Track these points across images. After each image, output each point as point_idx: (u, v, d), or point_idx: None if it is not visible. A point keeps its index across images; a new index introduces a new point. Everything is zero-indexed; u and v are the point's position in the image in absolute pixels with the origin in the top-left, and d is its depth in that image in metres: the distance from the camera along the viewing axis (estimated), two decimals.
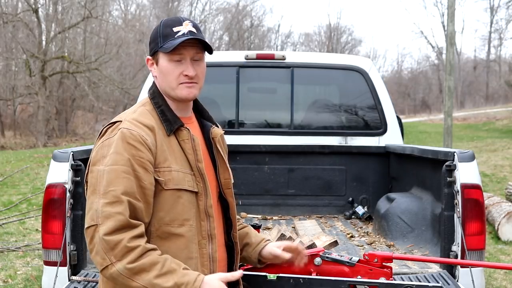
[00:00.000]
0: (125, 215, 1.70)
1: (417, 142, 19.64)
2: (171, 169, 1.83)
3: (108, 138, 1.81)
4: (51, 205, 2.88)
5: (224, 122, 4.73)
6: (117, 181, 1.72)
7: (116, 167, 1.74)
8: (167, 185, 1.81)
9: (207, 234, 1.89)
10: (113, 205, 1.70)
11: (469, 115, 33.35)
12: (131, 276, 1.68)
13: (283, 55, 4.66)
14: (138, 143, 1.78)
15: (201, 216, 1.88)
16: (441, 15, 45.49)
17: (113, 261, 1.67)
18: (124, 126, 1.81)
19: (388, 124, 4.60)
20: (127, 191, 1.73)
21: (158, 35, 1.91)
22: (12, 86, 27.32)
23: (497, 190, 9.74)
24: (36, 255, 6.09)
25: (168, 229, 1.81)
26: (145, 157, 1.77)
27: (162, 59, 1.90)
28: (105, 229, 1.68)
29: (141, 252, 1.69)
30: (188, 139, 1.90)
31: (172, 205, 1.82)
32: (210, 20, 44.20)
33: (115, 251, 1.67)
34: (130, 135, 1.78)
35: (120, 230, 1.69)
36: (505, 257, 6.19)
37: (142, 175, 1.76)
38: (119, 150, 1.76)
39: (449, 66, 11.83)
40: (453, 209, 2.93)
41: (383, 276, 2.46)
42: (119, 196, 1.71)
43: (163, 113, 1.91)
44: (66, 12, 28.33)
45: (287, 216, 4.52)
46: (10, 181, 11.29)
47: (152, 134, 1.83)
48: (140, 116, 1.87)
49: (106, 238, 1.67)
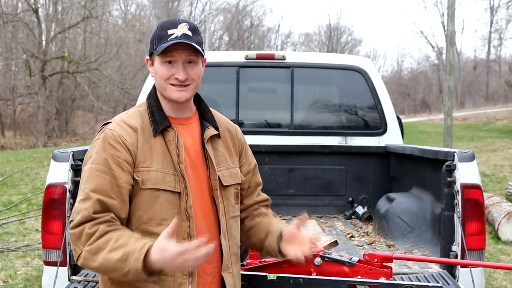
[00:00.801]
0: (89, 210, 1.78)
1: (417, 142, 19.64)
2: (150, 169, 1.87)
3: (96, 139, 1.91)
4: (51, 205, 2.88)
5: None
6: (91, 179, 1.82)
7: (93, 166, 1.84)
8: (145, 184, 1.86)
9: (186, 234, 1.89)
10: (84, 201, 1.80)
11: (469, 115, 33.35)
12: (91, 257, 1.75)
13: (283, 55, 4.66)
14: (117, 143, 1.85)
15: (182, 216, 1.89)
16: (441, 15, 45.54)
17: (82, 249, 1.77)
18: (109, 127, 1.90)
19: (388, 124, 4.60)
20: (97, 189, 1.80)
21: (155, 36, 1.96)
22: (12, 86, 27.34)
23: (497, 190, 9.74)
24: (36, 255, 6.09)
25: (147, 228, 1.85)
26: (121, 157, 1.84)
27: (156, 61, 1.95)
28: (73, 224, 1.79)
29: (100, 234, 1.76)
30: (173, 140, 1.92)
31: (149, 204, 1.86)
32: (210, 20, 44.24)
33: (81, 239, 1.77)
34: (111, 135, 1.87)
35: (84, 223, 1.78)
36: (505, 257, 6.19)
37: (118, 174, 1.82)
38: (99, 150, 1.86)
39: (449, 66, 11.83)
40: (453, 209, 2.93)
41: (383, 276, 2.46)
42: (89, 193, 1.80)
43: (152, 113, 1.96)
44: (66, 12, 28.34)
45: (287, 216, 4.52)
46: (10, 181, 11.29)
47: (135, 134, 1.89)
48: (128, 117, 1.95)
49: (72, 231, 1.79)
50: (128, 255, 1.70)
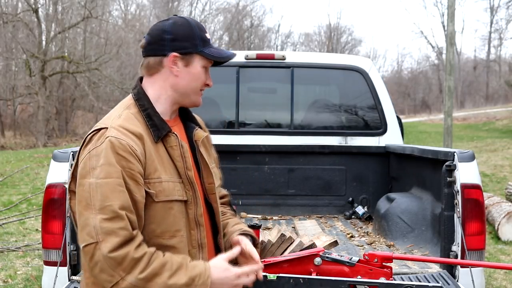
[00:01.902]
0: (128, 230, 1.64)
1: (417, 142, 19.64)
2: (161, 180, 1.75)
3: (95, 147, 1.69)
4: (51, 205, 2.88)
5: (224, 122, 4.74)
6: (114, 195, 1.64)
7: (111, 180, 1.64)
8: (158, 197, 1.73)
9: (197, 243, 1.84)
10: (113, 220, 1.62)
11: (469, 115, 33.35)
12: (145, 285, 1.63)
13: (283, 55, 4.66)
14: (128, 153, 1.68)
15: (191, 225, 1.82)
16: (441, 15, 45.58)
17: (123, 276, 1.61)
18: (111, 135, 1.69)
19: (388, 124, 4.60)
20: (123, 206, 1.64)
21: (196, 36, 1.83)
22: (12, 86, 27.35)
23: (497, 190, 9.74)
24: (36, 255, 6.09)
25: (159, 241, 1.74)
26: (135, 169, 1.68)
27: (198, 63, 1.84)
28: (109, 246, 1.60)
29: (148, 258, 1.64)
30: (176, 146, 1.82)
31: (163, 217, 1.75)
32: (210, 20, 44.21)
33: (123, 265, 1.61)
34: (119, 144, 1.67)
35: (125, 244, 1.62)
36: (505, 257, 6.19)
37: (133, 188, 1.68)
38: (110, 161, 1.66)
39: (449, 66, 11.83)
40: (453, 209, 2.93)
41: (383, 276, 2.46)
42: (118, 211, 1.63)
43: (149, 117, 1.81)
44: (66, 12, 28.35)
45: (287, 216, 4.52)
46: (10, 181, 11.30)
47: (141, 142, 1.73)
48: (126, 122, 1.75)
49: (112, 255, 1.60)
50: (194, 279, 1.66)
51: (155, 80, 1.86)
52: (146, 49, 1.85)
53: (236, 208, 3.97)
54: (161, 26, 1.84)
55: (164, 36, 1.81)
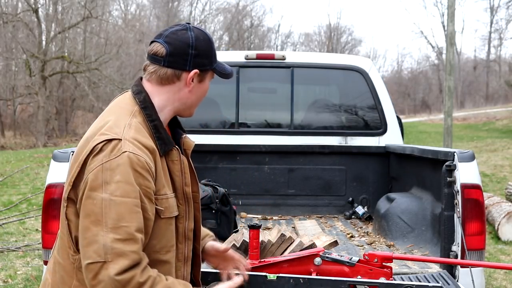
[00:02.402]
0: (140, 254, 1.60)
1: (417, 142, 19.64)
2: (167, 197, 1.74)
3: (109, 160, 1.61)
4: (51, 205, 2.88)
5: (224, 122, 4.74)
6: (131, 216, 1.58)
7: (129, 200, 1.59)
8: (164, 214, 1.72)
9: (183, 257, 1.84)
10: (126, 242, 1.57)
11: (469, 115, 33.35)
12: None
13: (283, 55, 4.66)
14: (145, 171, 1.63)
15: (179, 239, 1.81)
16: (441, 15, 45.52)
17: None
18: (129, 150, 1.62)
19: (388, 124, 4.60)
20: (140, 228, 1.60)
21: (213, 53, 1.84)
22: (12, 86, 27.35)
23: (497, 190, 9.74)
24: (36, 255, 6.09)
25: (157, 256, 1.73)
26: (151, 187, 1.65)
27: (208, 79, 1.86)
28: (118, 268, 1.55)
29: (152, 282, 1.61)
30: (177, 161, 1.79)
31: (164, 233, 1.74)
32: (210, 20, 44.22)
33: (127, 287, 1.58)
34: (137, 161, 1.62)
35: (133, 268, 1.58)
36: (505, 257, 6.19)
37: (147, 206, 1.64)
38: (128, 179, 1.59)
39: (449, 66, 11.83)
40: (453, 209, 2.94)
41: (383, 276, 2.46)
42: (134, 234, 1.58)
43: (156, 129, 1.76)
44: (66, 12, 28.36)
45: (287, 216, 4.52)
46: (10, 181, 11.29)
47: (153, 157, 1.69)
48: (138, 134, 1.69)
49: (119, 278, 1.55)
50: None
51: (165, 91, 1.80)
52: (166, 60, 1.77)
53: (236, 208, 3.99)
54: (185, 39, 1.78)
55: (189, 51, 1.77)
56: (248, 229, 2.73)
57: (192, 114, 1.92)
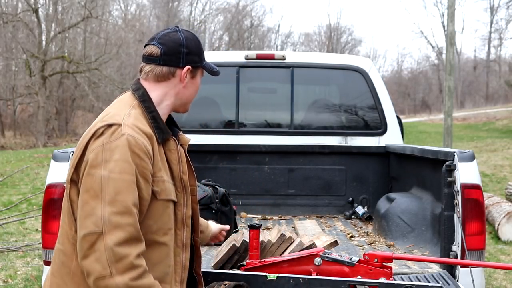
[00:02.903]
0: (135, 227, 1.70)
1: (417, 142, 19.64)
2: (164, 180, 1.84)
3: (109, 142, 1.74)
4: (51, 205, 2.88)
5: (224, 122, 4.74)
6: (127, 191, 1.70)
7: (125, 177, 1.71)
8: (160, 195, 1.82)
9: (182, 243, 1.93)
10: (123, 215, 1.68)
11: (469, 115, 33.34)
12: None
13: (283, 55, 4.66)
14: (143, 152, 1.76)
15: (178, 225, 1.91)
16: (441, 15, 45.51)
17: (114, 273, 1.65)
18: (128, 132, 1.76)
19: (388, 124, 4.60)
20: (135, 203, 1.72)
21: (202, 51, 2.02)
22: (12, 86, 27.34)
23: (497, 190, 9.74)
24: (36, 255, 6.09)
25: (154, 238, 1.81)
26: (147, 168, 1.77)
27: (199, 75, 2.02)
28: (115, 239, 1.65)
29: (142, 272, 1.70)
30: (174, 150, 1.93)
31: (161, 215, 1.83)
32: (210, 20, 44.25)
33: (119, 264, 1.65)
34: (135, 143, 1.75)
35: (129, 243, 1.68)
36: (505, 257, 6.19)
37: (143, 186, 1.75)
38: (126, 158, 1.72)
39: (449, 66, 11.83)
40: (453, 209, 2.94)
41: (383, 276, 2.46)
42: (130, 207, 1.69)
43: (155, 120, 1.89)
44: (66, 12, 28.35)
45: (287, 216, 4.53)
46: (10, 181, 11.29)
47: (151, 142, 1.82)
48: (137, 121, 1.83)
49: (115, 249, 1.65)
50: None
51: (162, 87, 1.94)
52: (161, 59, 1.92)
53: (236, 208, 3.99)
54: (177, 39, 1.94)
55: (181, 50, 1.93)
56: (248, 229, 2.73)
57: (187, 110, 2.06)
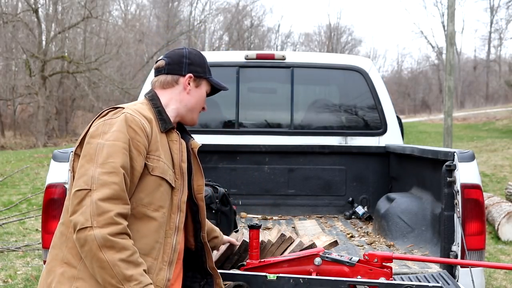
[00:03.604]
0: (120, 186, 1.83)
1: (417, 142, 19.64)
2: (160, 159, 2.00)
3: (110, 119, 1.97)
4: (51, 205, 2.88)
5: (224, 122, 4.74)
6: (117, 155, 1.86)
7: (118, 143, 1.88)
8: (154, 171, 1.97)
9: (174, 225, 2.05)
10: (110, 175, 1.83)
11: (469, 115, 33.34)
12: (102, 246, 1.76)
13: (283, 55, 4.66)
14: (138, 128, 1.94)
15: (173, 209, 2.05)
16: (441, 15, 45.50)
17: (94, 225, 1.77)
18: (127, 112, 1.98)
19: (388, 124, 4.60)
20: (124, 166, 1.87)
21: (207, 65, 2.24)
22: (12, 86, 27.34)
23: (497, 190, 9.74)
24: (36, 255, 6.09)
25: (144, 210, 1.94)
26: (141, 141, 1.94)
27: (204, 87, 2.24)
28: (100, 195, 1.79)
29: (121, 231, 1.80)
30: (176, 141, 2.12)
31: (153, 190, 1.97)
32: (210, 20, 44.22)
33: (100, 217, 1.77)
34: (132, 119, 1.95)
35: (113, 200, 1.81)
36: (505, 257, 6.19)
37: (135, 157, 1.91)
38: (121, 129, 1.91)
39: (449, 66, 11.83)
40: (453, 209, 2.94)
41: (383, 276, 2.46)
42: (118, 168, 1.85)
43: (159, 113, 2.11)
44: (66, 12, 28.35)
45: (287, 216, 4.53)
46: (10, 181, 11.30)
47: (150, 125, 2.01)
48: (140, 109, 2.05)
49: (99, 203, 1.78)
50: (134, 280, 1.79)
51: (168, 93, 2.18)
52: (165, 68, 2.19)
53: (236, 208, 3.99)
54: (180, 52, 2.23)
55: (183, 60, 2.20)
56: (248, 229, 2.73)
57: (195, 121, 2.26)
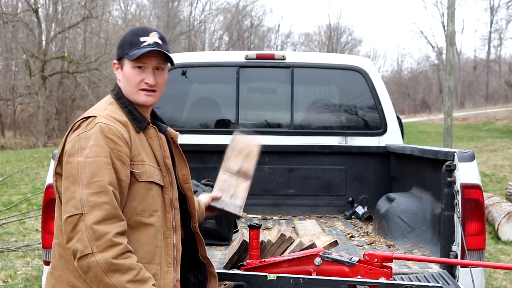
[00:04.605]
0: (112, 204, 1.78)
1: (417, 142, 19.64)
2: (144, 163, 1.94)
3: (84, 131, 1.87)
4: (51, 205, 2.88)
5: (224, 122, 4.73)
6: (102, 172, 1.80)
7: (100, 159, 1.81)
8: (141, 177, 1.92)
9: (172, 225, 2.01)
10: (99, 195, 1.77)
11: (469, 115, 33.34)
12: (106, 271, 1.73)
13: (283, 55, 4.66)
14: (116, 137, 1.87)
15: (167, 208, 2.00)
16: (441, 15, 45.48)
17: (95, 251, 1.72)
18: (101, 121, 1.88)
19: (388, 124, 4.60)
20: (111, 182, 1.81)
21: (125, 42, 2.04)
22: (12, 86, 27.36)
23: (497, 190, 9.74)
24: (36, 255, 6.09)
25: (140, 219, 1.90)
26: (122, 151, 1.87)
27: (126, 66, 2.02)
28: (93, 218, 1.74)
29: (123, 250, 1.76)
30: (155, 137, 2.03)
31: (144, 196, 1.92)
32: (210, 20, 44.21)
33: (99, 241, 1.73)
34: (108, 129, 1.86)
35: (108, 221, 1.76)
36: (505, 257, 6.20)
37: (119, 168, 1.85)
38: (99, 142, 1.83)
39: (449, 66, 11.83)
40: (453, 209, 2.94)
41: (383, 276, 2.46)
42: (106, 186, 1.78)
43: (130, 112, 2.01)
44: (66, 12, 28.35)
45: (287, 216, 4.52)
46: (10, 181, 11.30)
47: (126, 129, 1.93)
48: (112, 113, 1.96)
49: (95, 227, 1.73)
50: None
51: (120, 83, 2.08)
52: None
53: None
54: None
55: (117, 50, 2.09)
56: (248, 229, 2.73)
57: (139, 101, 2.03)
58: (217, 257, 3.22)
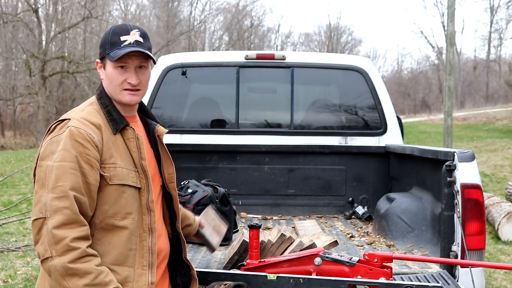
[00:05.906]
0: (72, 209, 1.79)
1: (417, 142, 19.64)
2: (116, 166, 1.93)
3: (57, 135, 1.89)
4: None
5: (224, 122, 4.73)
6: (65, 177, 1.81)
7: (64, 164, 1.83)
8: (112, 180, 1.91)
9: (147, 227, 1.99)
10: (61, 199, 1.79)
11: (469, 115, 33.33)
12: (63, 275, 1.76)
13: (283, 55, 4.66)
14: (85, 141, 1.87)
15: (143, 210, 1.98)
16: (441, 15, 45.47)
17: (53, 255, 1.76)
18: (72, 125, 1.89)
19: (388, 124, 4.60)
20: (74, 187, 1.81)
21: (106, 41, 2.01)
22: (12, 86, 27.37)
23: (497, 190, 9.75)
24: (36, 255, 6.08)
25: (112, 222, 1.91)
26: (91, 155, 1.87)
27: (108, 66, 2.00)
28: (53, 222, 1.77)
29: (80, 255, 1.77)
30: (132, 138, 2.01)
31: (116, 199, 1.91)
32: (210, 20, 44.21)
33: (57, 246, 1.76)
34: (77, 133, 1.87)
35: (68, 225, 1.78)
36: (505, 257, 6.20)
37: (88, 172, 1.85)
38: (67, 147, 1.85)
39: (449, 66, 11.83)
40: (453, 209, 2.94)
41: (383, 276, 2.46)
42: (67, 191, 1.80)
43: (109, 113, 2.00)
44: (66, 12, 28.35)
45: (287, 216, 4.53)
46: (10, 181, 11.30)
47: (99, 132, 1.92)
48: (88, 115, 1.96)
49: (54, 231, 1.76)
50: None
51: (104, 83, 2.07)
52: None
53: (236, 208, 3.99)
54: None
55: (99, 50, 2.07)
56: (248, 229, 2.73)
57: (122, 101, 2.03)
58: (217, 257, 3.22)
